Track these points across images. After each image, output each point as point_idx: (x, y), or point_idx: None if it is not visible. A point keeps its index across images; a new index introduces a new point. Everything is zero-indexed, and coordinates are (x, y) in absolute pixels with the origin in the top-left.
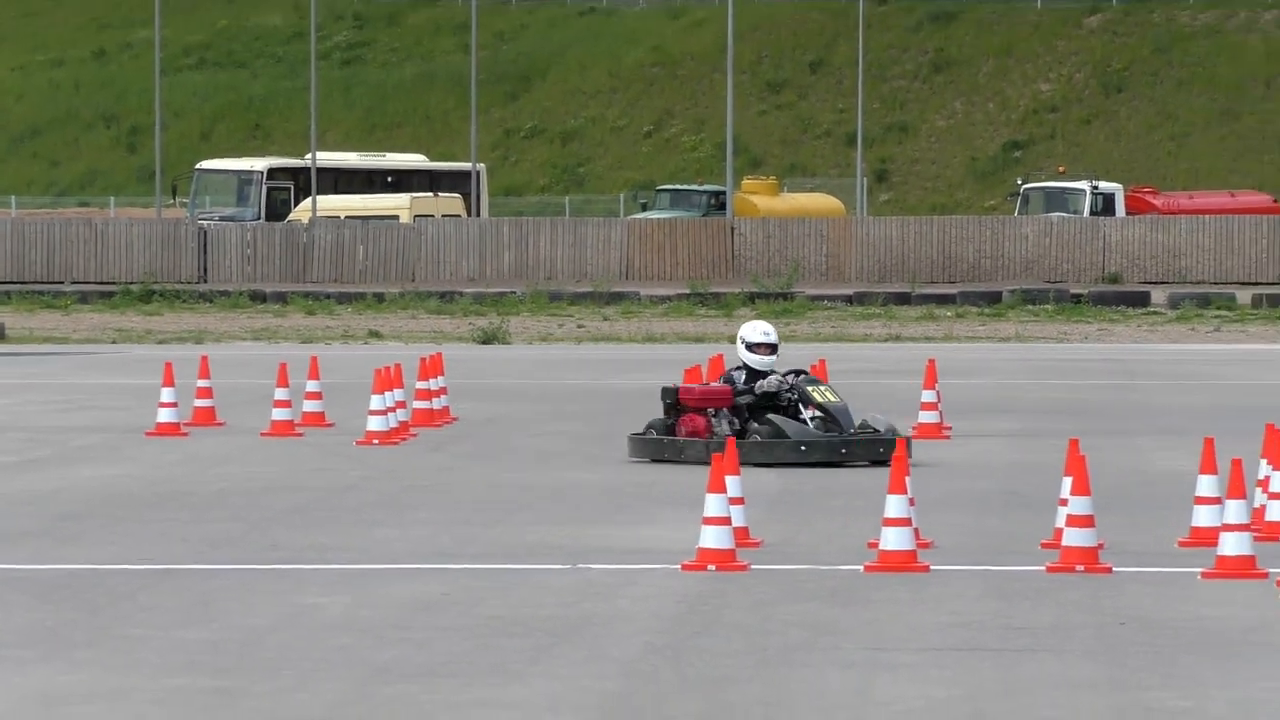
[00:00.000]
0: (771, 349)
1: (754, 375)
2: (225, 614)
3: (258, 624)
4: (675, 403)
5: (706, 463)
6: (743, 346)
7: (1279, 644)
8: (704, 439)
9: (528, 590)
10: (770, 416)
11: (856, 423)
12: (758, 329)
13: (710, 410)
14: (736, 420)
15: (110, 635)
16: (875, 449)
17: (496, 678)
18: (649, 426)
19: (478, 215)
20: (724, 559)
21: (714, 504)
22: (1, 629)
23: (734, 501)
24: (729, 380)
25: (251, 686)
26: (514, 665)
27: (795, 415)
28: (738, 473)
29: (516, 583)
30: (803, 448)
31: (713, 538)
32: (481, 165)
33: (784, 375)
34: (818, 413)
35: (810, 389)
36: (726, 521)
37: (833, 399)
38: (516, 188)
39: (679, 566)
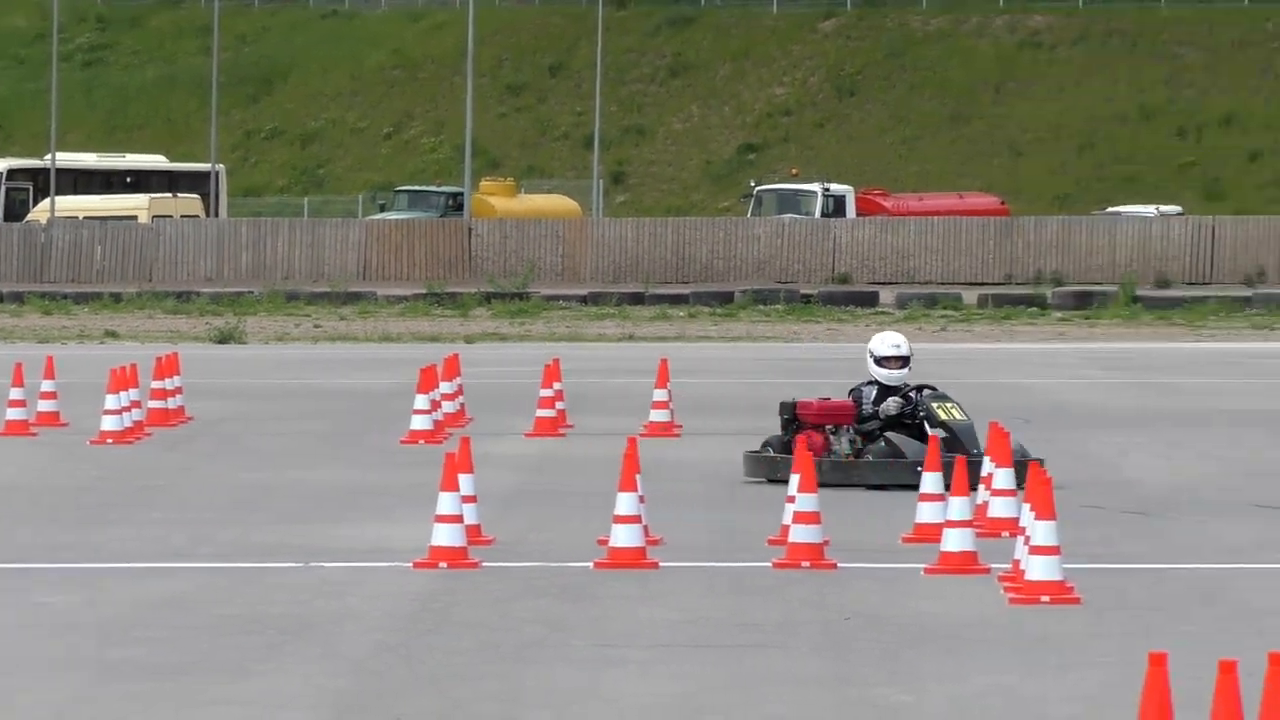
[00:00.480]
0: (902, 362)
1: (885, 391)
2: None
3: None
4: (793, 418)
5: (823, 484)
6: (871, 360)
7: (998, 639)
8: (819, 458)
9: (261, 589)
10: (890, 435)
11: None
12: (887, 341)
13: (829, 427)
14: (858, 439)
15: None
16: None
17: (229, 675)
18: (765, 444)
19: (216, 216)
20: (456, 557)
21: (446, 502)
22: None
23: (466, 500)
24: (857, 396)
25: None
26: (247, 663)
27: (922, 432)
28: (471, 471)
29: (250, 581)
30: (918, 469)
31: (445, 535)
32: (221, 166)
33: (910, 391)
34: (942, 431)
35: (936, 406)
36: (459, 519)
37: (959, 417)
38: (256, 189)
39: (411, 564)
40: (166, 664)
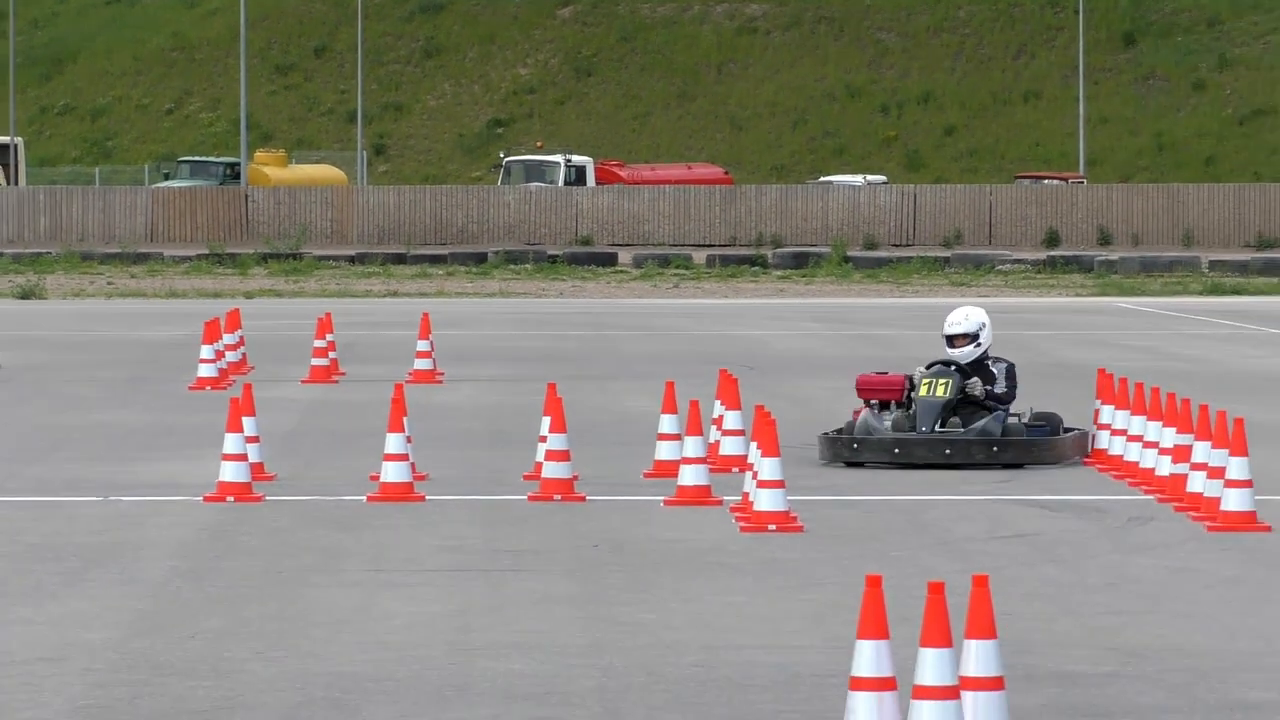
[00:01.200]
0: (963, 339)
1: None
2: None
3: None
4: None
5: (887, 465)
6: (943, 337)
7: (730, 563)
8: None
9: (63, 520)
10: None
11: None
12: (949, 320)
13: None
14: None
15: None
16: (941, 451)
17: (34, 598)
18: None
19: (16, 184)
20: (242, 491)
21: (231, 442)
22: None
23: (250, 440)
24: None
25: None
26: (50, 587)
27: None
28: (253, 414)
29: (52, 513)
30: (855, 446)
31: (231, 472)
32: (19, 139)
33: (927, 368)
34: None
35: (923, 381)
36: (244, 458)
37: (929, 394)
38: (51, 159)
39: (201, 498)
40: None
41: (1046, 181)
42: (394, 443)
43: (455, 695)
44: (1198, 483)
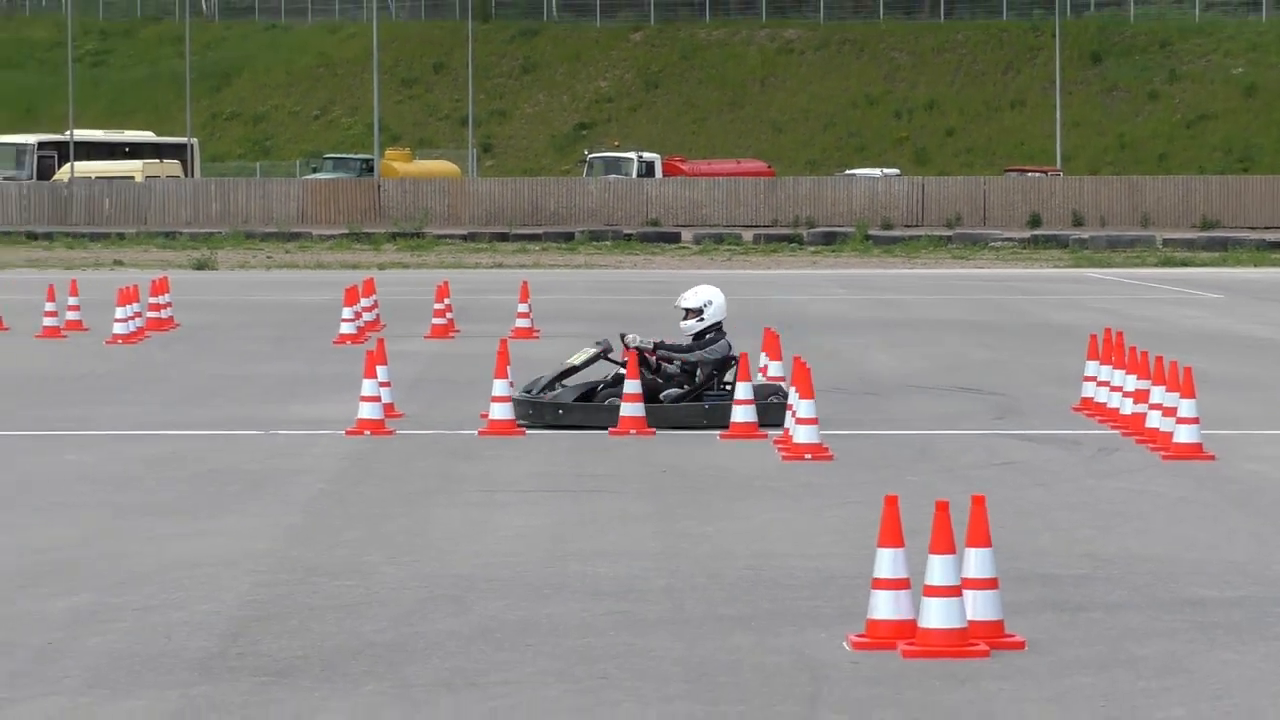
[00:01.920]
0: (690, 314)
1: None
2: (5, 468)
3: (29, 475)
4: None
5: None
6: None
7: (773, 486)
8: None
9: (233, 451)
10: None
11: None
12: (680, 295)
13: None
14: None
15: None
16: (525, 411)
17: (210, 515)
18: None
19: (192, 176)
20: (376, 427)
21: (368, 386)
22: None
23: (383, 385)
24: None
25: (25, 521)
26: (224, 505)
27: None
28: (385, 363)
29: (224, 446)
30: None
31: (368, 411)
32: (195, 140)
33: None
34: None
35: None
36: (378, 400)
37: (575, 361)
38: (220, 156)
39: (344, 433)
40: (163, 505)
41: (1030, 174)
42: (499, 387)
43: (551, 592)
44: (1154, 420)
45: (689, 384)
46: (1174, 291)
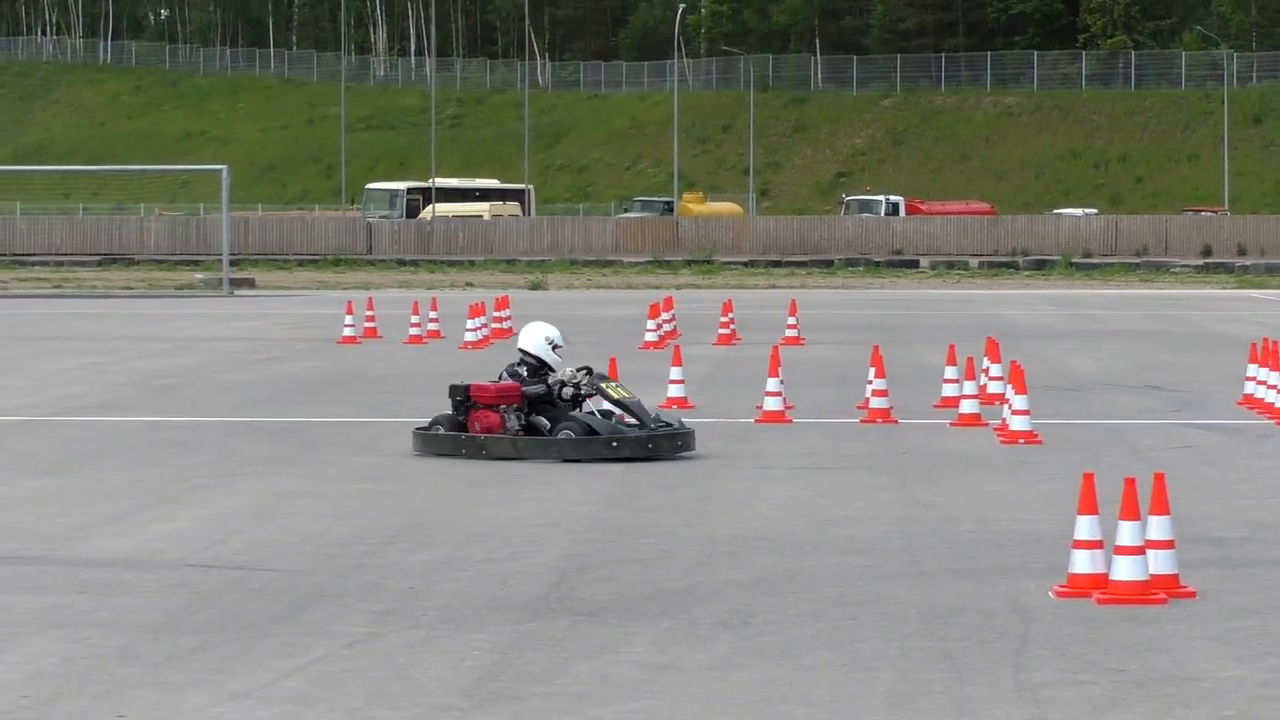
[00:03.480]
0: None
1: (536, 371)
2: (381, 448)
3: (400, 452)
4: (465, 399)
5: (513, 457)
6: (547, 345)
7: (993, 464)
8: (499, 434)
9: None
10: (577, 414)
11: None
12: (553, 330)
13: (501, 406)
14: (521, 415)
15: (314, 459)
16: (675, 443)
17: (540, 484)
18: (434, 422)
19: (529, 215)
20: (681, 403)
21: (674, 376)
22: (251, 454)
23: (674, 382)
24: (514, 376)
25: (396, 489)
26: (551, 478)
27: (573, 410)
28: (681, 364)
29: None
30: (614, 444)
31: (675, 395)
32: (531, 186)
33: (575, 371)
34: (611, 408)
35: (605, 385)
36: (682, 381)
37: (627, 395)
38: (551, 199)
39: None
40: (503, 478)
41: (1203, 213)
42: (773, 384)
43: (811, 549)
44: None
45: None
46: None
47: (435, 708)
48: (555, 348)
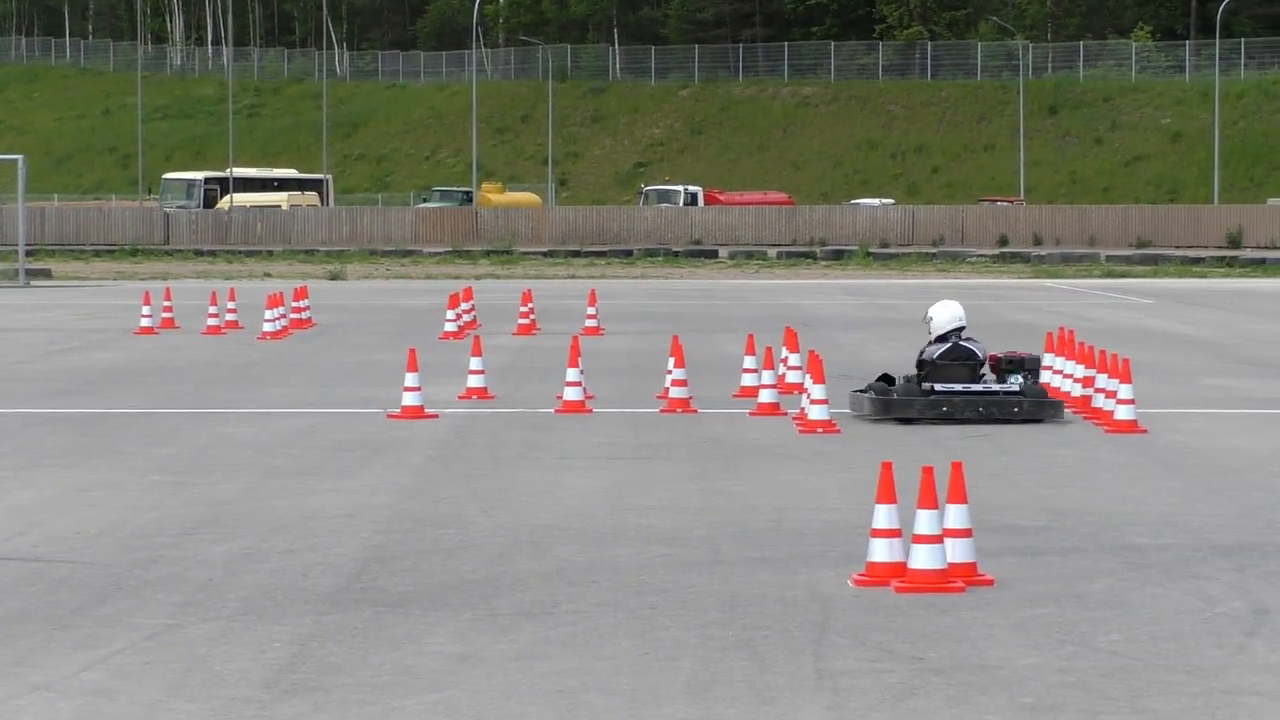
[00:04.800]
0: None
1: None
2: (180, 439)
3: (199, 444)
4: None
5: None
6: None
7: (791, 454)
8: None
9: (358, 424)
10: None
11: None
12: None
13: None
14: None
15: (113, 451)
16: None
17: (339, 476)
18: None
19: (327, 205)
20: (481, 393)
21: (474, 366)
22: (50, 446)
23: (474, 372)
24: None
25: (195, 480)
26: (349, 469)
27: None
28: (481, 354)
29: (351, 420)
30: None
31: (475, 385)
32: (329, 175)
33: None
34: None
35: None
36: (482, 373)
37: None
38: (349, 189)
39: (456, 397)
40: (304, 468)
41: (999, 203)
42: (573, 374)
43: (612, 539)
44: (1099, 400)
45: None
46: (1114, 297)
47: (236, 699)
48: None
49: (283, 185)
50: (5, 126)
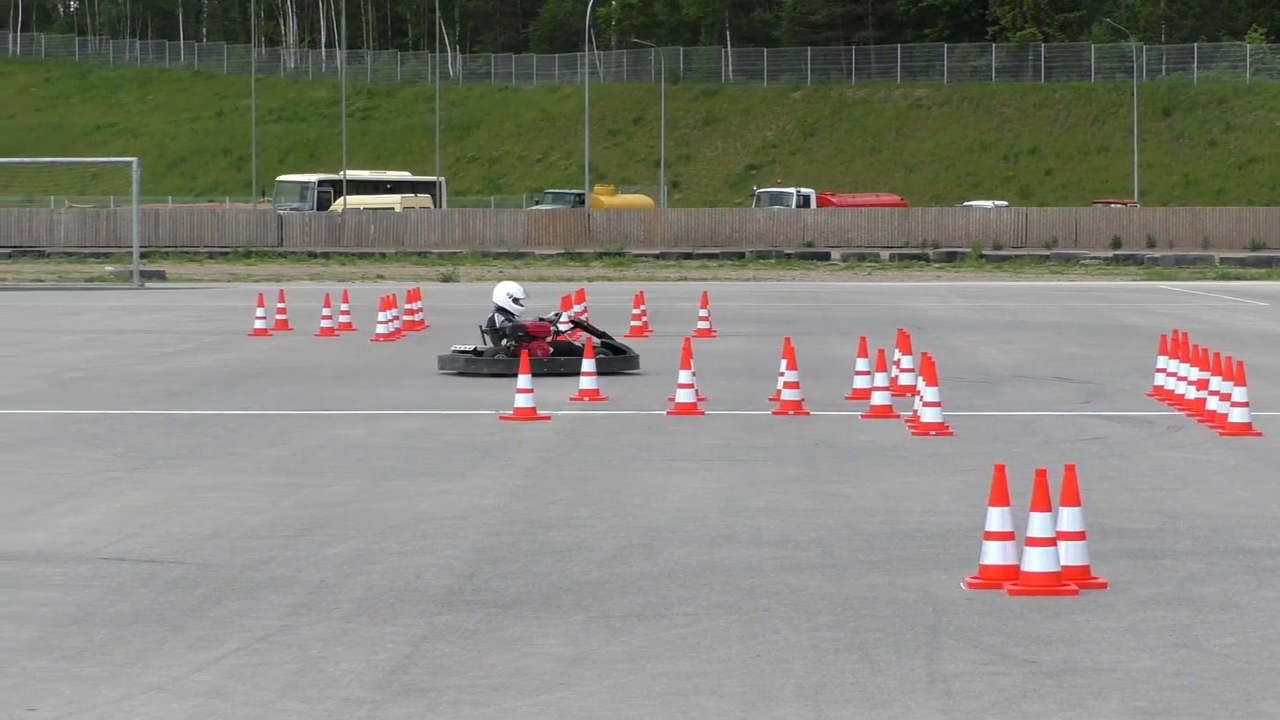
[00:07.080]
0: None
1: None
2: (292, 440)
3: (311, 445)
4: (525, 335)
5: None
6: (508, 298)
7: (904, 456)
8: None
9: (469, 426)
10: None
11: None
12: (516, 286)
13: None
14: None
15: (225, 452)
16: (635, 363)
17: (450, 478)
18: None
19: (440, 207)
20: (593, 395)
21: (586, 369)
22: (163, 448)
23: (586, 374)
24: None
25: (307, 482)
26: (460, 470)
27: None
28: (593, 356)
29: (461, 422)
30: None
31: (587, 387)
32: (443, 178)
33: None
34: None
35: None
36: (594, 374)
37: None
38: (462, 191)
39: (553, 414)
40: (414, 470)
41: (1112, 205)
42: (684, 376)
43: (724, 541)
44: (1213, 403)
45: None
46: (1229, 300)
47: (348, 700)
48: (516, 300)
49: (396, 188)
50: (120, 129)
